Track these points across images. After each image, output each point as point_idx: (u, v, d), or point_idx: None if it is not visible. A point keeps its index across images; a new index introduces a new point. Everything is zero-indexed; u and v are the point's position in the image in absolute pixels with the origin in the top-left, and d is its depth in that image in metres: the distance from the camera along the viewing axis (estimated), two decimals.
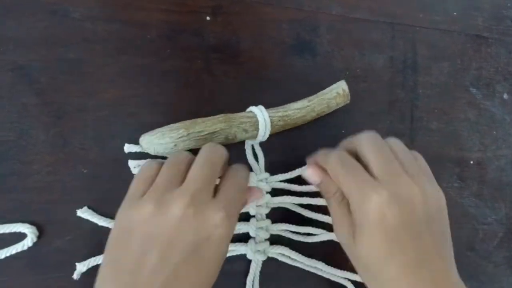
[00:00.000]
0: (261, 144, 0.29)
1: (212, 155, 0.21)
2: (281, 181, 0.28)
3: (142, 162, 0.26)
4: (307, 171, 0.24)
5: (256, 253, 0.27)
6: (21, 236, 0.24)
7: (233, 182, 0.21)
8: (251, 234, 0.27)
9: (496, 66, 0.37)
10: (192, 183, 0.19)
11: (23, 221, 0.25)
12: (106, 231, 0.26)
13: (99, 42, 0.27)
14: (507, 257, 0.34)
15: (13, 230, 0.24)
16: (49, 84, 0.26)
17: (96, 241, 0.25)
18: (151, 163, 0.21)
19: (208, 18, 0.30)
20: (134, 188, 0.20)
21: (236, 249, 0.27)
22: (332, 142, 0.30)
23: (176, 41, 0.29)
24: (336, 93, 0.29)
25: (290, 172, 0.28)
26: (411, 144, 0.33)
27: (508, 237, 0.35)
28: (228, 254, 0.26)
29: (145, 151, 0.26)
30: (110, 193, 0.26)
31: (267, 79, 0.29)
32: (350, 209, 0.21)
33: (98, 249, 0.25)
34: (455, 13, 0.36)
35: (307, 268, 0.28)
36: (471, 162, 0.34)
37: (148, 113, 0.27)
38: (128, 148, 0.26)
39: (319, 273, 0.29)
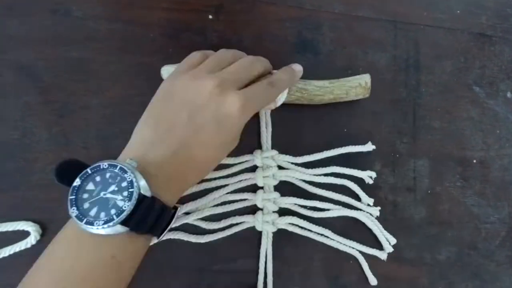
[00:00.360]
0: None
1: (256, 64, 0.25)
2: (288, 162, 0.29)
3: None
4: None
5: (264, 224, 0.27)
6: (24, 234, 0.25)
7: (261, 90, 0.24)
8: (259, 205, 0.28)
9: (500, 65, 0.36)
10: (226, 73, 0.23)
11: (26, 219, 0.25)
12: None
13: (102, 41, 0.27)
14: (509, 256, 0.34)
15: (16, 228, 0.24)
16: (52, 83, 0.26)
17: None
18: (200, 52, 0.25)
19: (210, 16, 0.30)
20: (181, 66, 0.24)
21: (245, 221, 0.28)
22: (334, 140, 0.31)
23: (179, 39, 0.29)
24: (358, 84, 0.29)
25: (299, 157, 0.29)
26: (413, 143, 0.33)
27: (510, 236, 0.34)
28: (238, 229, 0.28)
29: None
30: None
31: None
32: None
33: None
34: (458, 11, 0.36)
35: (316, 238, 0.29)
36: (474, 161, 0.34)
37: None
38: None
39: (328, 242, 0.29)
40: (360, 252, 0.30)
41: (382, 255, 0.30)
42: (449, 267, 0.32)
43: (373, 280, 0.30)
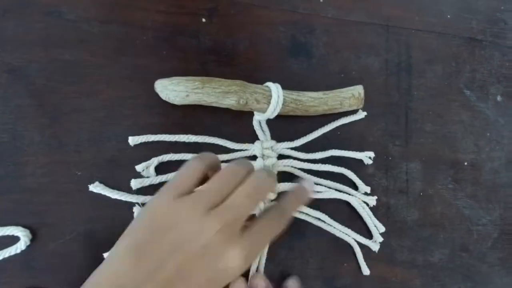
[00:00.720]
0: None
1: (262, 187, 0.22)
2: (287, 148, 0.29)
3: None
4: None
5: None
6: (14, 239, 0.24)
7: (269, 229, 0.22)
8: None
9: (490, 69, 0.37)
10: (231, 210, 0.20)
11: (17, 224, 0.24)
12: (100, 233, 0.26)
13: (95, 43, 0.27)
14: (501, 258, 0.34)
15: (6, 233, 0.24)
16: (44, 85, 0.26)
17: (90, 244, 0.25)
18: (205, 158, 0.22)
19: (204, 20, 0.30)
20: (181, 179, 0.21)
21: None
22: (327, 143, 0.31)
23: (173, 42, 0.29)
24: (351, 94, 0.30)
25: (296, 140, 0.29)
26: (406, 146, 0.33)
27: (502, 238, 0.35)
28: None
29: (158, 94, 0.26)
30: (105, 196, 0.26)
31: (262, 81, 0.29)
32: None
33: (93, 253, 0.25)
34: (449, 16, 0.36)
35: (313, 222, 0.29)
36: (465, 163, 0.35)
37: (145, 115, 0.27)
38: (133, 141, 0.26)
39: (325, 227, 0.29)
40: (355, 240, 0.30)
41: (375, 247, 0.30)
42: (442, 269, 0.33)
43: (365, 270, 0.30)
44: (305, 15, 0.32)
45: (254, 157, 0.29)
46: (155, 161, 0.27)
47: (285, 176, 0.29)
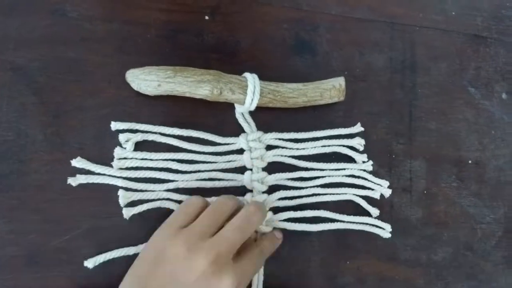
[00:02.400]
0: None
1: (252, 219, 0.23)
2: (276, 138, 0.29)
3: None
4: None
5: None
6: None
7: (257, 258, 0.24)
8: (247, 186, 0.28)
9: (495, 66, 0.37)
10: (222, 241, 0.21)
11: (22, 220, 0.25)
12: (104, 230, 0.26)
13: (98, 42, 0.27)
14: (505, 257, 0.34)
15: None
16: (47, 83, 0.26)
17: (94, 240, 0.25)
18: (198, 199, 0.24)
19: (207, 17, 0.30)
20: (176, 217, 0.23)
21: None
22: (330, 141, 0.30)
23: (176, 40, 0.29)
24: (332, 86, 0.29)
25: (286, 133, 0.29)
26: (410, 144, 0.33)
27: (506, 237, 0.35)
28: None
29: (129, 84, 0.26)
30: (109, 192, 0.26)
31: (266, 78, 0.29)
32: None
33: (96, 248, 0.25)
34: (453, 13, 0.36)
35: (310, 199, 0.29)
36: (470, 161, 0.35)
37: (147, 113, 0.27)
38: (115, 126, 0.26)
39: (322, 198, 0.29)
40: (356, 195, 0.30)
41: (375, 194, 0.30)
42: (445, 267, 0.33)
43: (375, 212, 0.30)
44: (308, 12, 0.32)
45: (241, 151, 0.28)
46: (139, 136, 0.26)
47: (275, 166, 0.29)
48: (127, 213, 0.25)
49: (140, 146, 0.27)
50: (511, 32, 0.38)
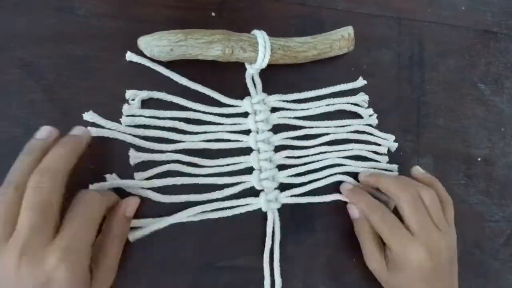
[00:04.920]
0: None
1: (41, 193, 0.20)
2: (280, 100, 0.29)
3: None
4: (350, 210, 0.29)
5: (261, 162, 0.28)
6: None
7: (76, 215, 0.20)
8: (252, 146, 0.28)
9: (505, 62, 0.36)
10: (21, 232, 0.19)
11: None
12: None
13: (105, 39, 0.28)
14: None
15: None
16: (56, 80, 0.27)
17: None
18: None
19: (213, 14, 0.30)
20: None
21: (242, 161, 0.28)
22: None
23: None
24: (341, 36, 0.29)
25: (289, 94, 0.29)
26: (417, 141, 0.33)
27: None
28: (236, 180, 0.28)
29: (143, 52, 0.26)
30: (117, 190, 0.26)
31: (272, 75, 0.29)
32: (381, 247, 0.27)
33: None
34: (463, 8, 0.36)
35: (316, 158, 0.29)
36: (479, 159, 0.34)
37: (156, 104, 0.28)
38: (129, 56, 0.27)
39: (327, 159, 0.29)
40: (363, 150, 0.30)
41: (381, 149, 0.31)
42: None
43: (384, 159, 0.31)
44: (315, 8, 0.32)
45: (246, 114, 0.28)
46: (145, 93, 0.27)
47: (281, 128, 0.29)
48: (139, 176, 0.26)
49: (148, 105, 0.27)
50: None
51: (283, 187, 0.29)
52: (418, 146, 0.33)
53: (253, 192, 0.28)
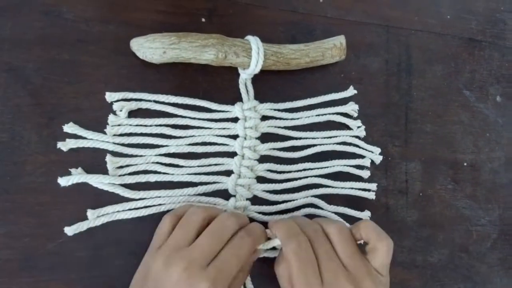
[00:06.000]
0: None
1: (225, 224, 0.23)
2: (271, 109, 0.29)
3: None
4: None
5: (242, 168, 0.27)
6: None
7: (231, 254, 0.22)
8: (238, 152, 0.28)
9: (490, 69, 0.37)
10: (194, 249, 0.22)
11: (16, 223, 0.24)
12: (99, 232, 0.25)
13: (93, 43, 0.27)
14: (500, 259, 0.34)
15: None
16: (43, 85, 0.26)
17: (89, 243, 0.25)
18: (168, 219, 0.24)
19: (203, 20, 0.30)
20: (155, 240, 0.24)
21: (224, 163, 0.28)
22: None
23: None
24: (333, 45, 0.30)
25: (280, 103, 0.29)
26: (405, 146, 0.33)
27: (501, 239, 0.35)
28: (213, 179, 0.28)
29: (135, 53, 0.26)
30: (103, 195, 0.26)
31: (262, 81, 0.29)
32: None
33: (91, 252, 0.25)
34: (449, 17, 0.36)
35: (297, 175, 0.29)
36: (465, 164, 0.35)
37: (144, 114, 0.27)
38: (109, 96, 0.26)
39: (311, 181, 0.29)
40: (346, 166, 0.30)
41: (365, 162, 0.31)
42: (441, 269, 0.33)
43: (366, 174, 0.31)
44: (305, 15, 0.32)
45: (236, 119, 0.28)
46: (133, 104, 0.26)
47: (268, 137, 0.29)
48: (112, 173, 0.25)
49: (136, 115, 0.27)
50: (505, 35, 0.38)
51: (254, 199, 0.28)
52: (406, 151, 0.33)
53: (225, 196, 0.28)
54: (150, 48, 0.26)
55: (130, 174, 0.26)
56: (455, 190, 0.34)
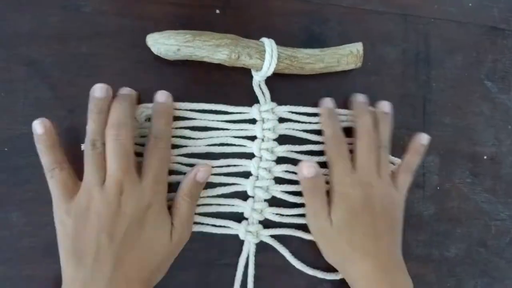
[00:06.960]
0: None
1: (121, 144, 0.23)
2: (289, 111, 0.29)
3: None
4: (303, 167, 0.27)
5: (260, 170, 0.28)
6: None
7: (155, 157, 0.24)
8: (255, 153, 0.28)
9: None
10: (114, 175, 0.23)
11: (38, 213, 0.25)
12: None
13: (111, 36, 0.28)
14: None
15: None
16: (61, 78, 0.27)
17: None
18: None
19: (218, 11, 0.30)
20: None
21: (242, 164, 0.28)
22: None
23: None
24: (350, 51, 0.29)
25: (299, 107, 0.29)
26: None
27: None
28: (232, 181, 0.28)
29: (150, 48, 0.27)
30: None
31: (276, 72, 0.29)
32: (328, 207, 0.27)
33: None
34: (470, 4, 0.35)
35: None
36: (485, 157, 0.34)
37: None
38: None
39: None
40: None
41: None
42: (458, 264, 0.32)
43: None
44: (319, 5, 0.32)
45: (254, 121, 0.28)
46: (148, 110, 0.27)
47: (287, 139, 0.29)
48: None
49: None
50: None
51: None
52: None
53: (243, 197, 0.28)
54: (165, 44, 0.26)
55: None
56: (473, 184, 0.33)
